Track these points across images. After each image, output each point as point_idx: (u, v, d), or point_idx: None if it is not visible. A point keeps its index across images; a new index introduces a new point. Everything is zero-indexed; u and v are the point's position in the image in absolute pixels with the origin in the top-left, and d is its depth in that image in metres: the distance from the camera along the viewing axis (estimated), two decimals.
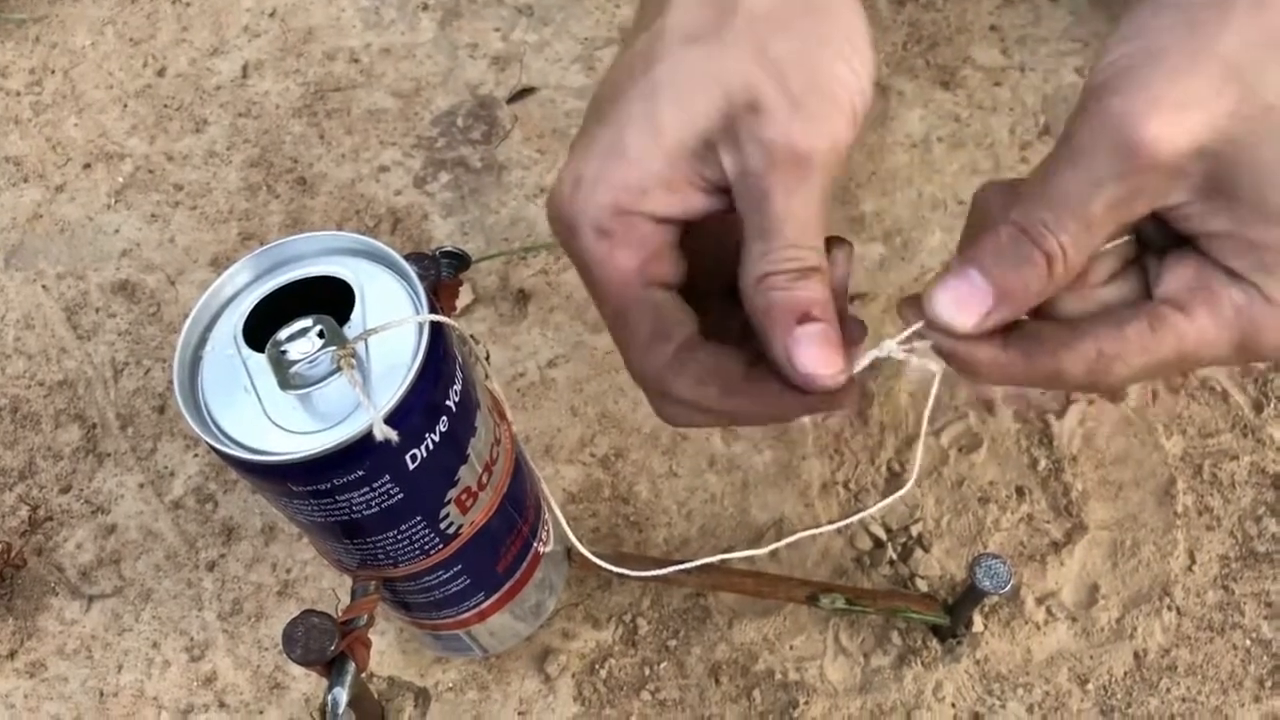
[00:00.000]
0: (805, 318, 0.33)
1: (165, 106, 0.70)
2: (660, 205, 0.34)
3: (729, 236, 0.36)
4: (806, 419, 0.57)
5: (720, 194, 0.35)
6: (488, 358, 0.42)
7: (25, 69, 0.73)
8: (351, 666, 0.39)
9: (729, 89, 0.33)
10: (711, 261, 0.37)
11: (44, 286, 0.64)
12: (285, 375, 0.34)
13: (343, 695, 0.39)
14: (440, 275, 0.43)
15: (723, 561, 0.50)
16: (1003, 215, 0.33)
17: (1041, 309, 0.34)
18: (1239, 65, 0.30)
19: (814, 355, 0.33)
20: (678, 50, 0.34)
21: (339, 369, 0.34)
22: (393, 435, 0.33)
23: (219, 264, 0.64)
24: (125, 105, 0.70)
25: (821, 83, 0.33)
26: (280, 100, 0.70)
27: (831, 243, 0.36)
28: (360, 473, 0.35)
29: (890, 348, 0.34)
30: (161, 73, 0.72)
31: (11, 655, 0.54)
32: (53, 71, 0.72)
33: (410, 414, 0.34)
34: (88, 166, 0.68)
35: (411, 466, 0.36)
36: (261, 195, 0.66)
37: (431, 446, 0.36)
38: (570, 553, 0.50)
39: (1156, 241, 0.35)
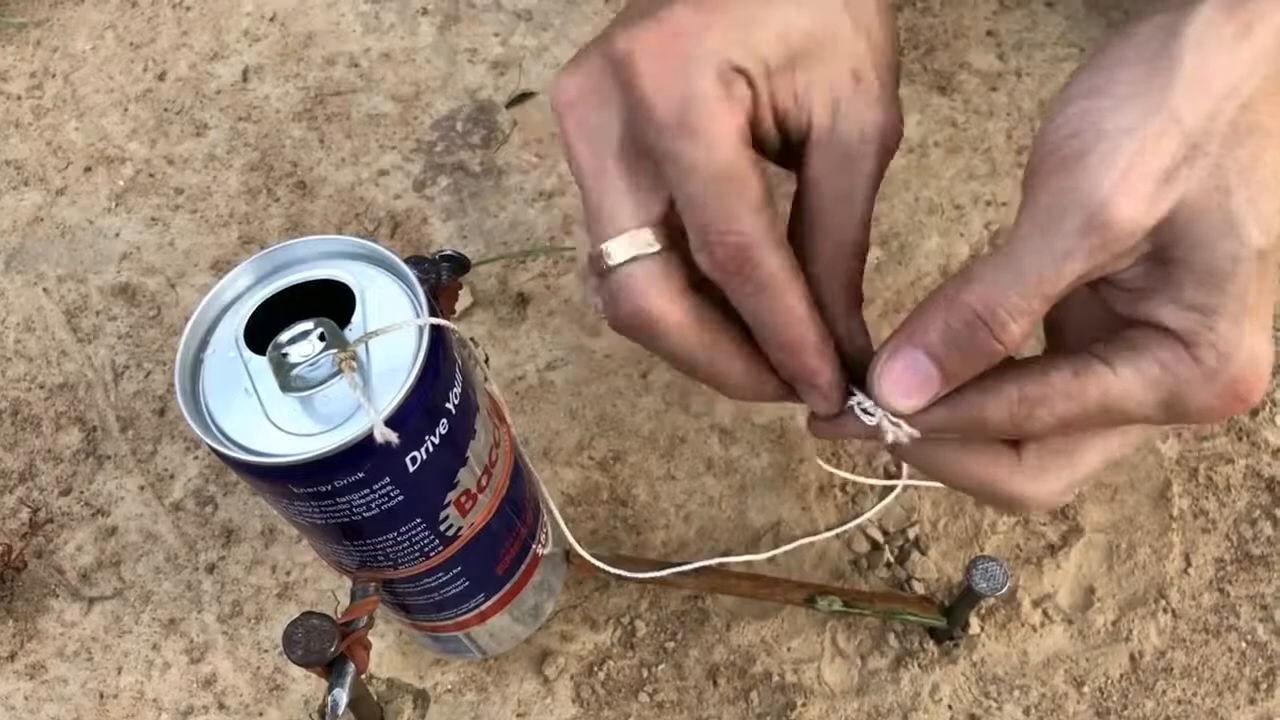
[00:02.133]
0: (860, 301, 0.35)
1: (165, 110, 0.70)
2: (769, 90, 0.33)
3: None
4: (802, 420, 0.57)
5: (771, 123, 0.34)
6: (487, 361, 0.42)
7: (26, 73, 0.73)
8: (351, 668, 0.40)
9: (839, 48, 0.33)
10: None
11: (44, 289, 0.64)
12: (286, 378, 0.34)
13: (343, 696, 0.39)
14: (440, 278, 0.43)
15: (720, 564, 0.51)
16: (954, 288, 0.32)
17: None
18: (1191, 127, 0.30)
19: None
20: None
21: (339, 372, 0.34)
22: (393, 437, 0.33)
23: (219, 267, 0.64)
24: (126, 109, 0.71)
25: (897, 82, 0.35)
26: (280, 104, 0.70)
27: None
28: (360, 475, 0.35)
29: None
30: (162, 77, 0.72)
31: (12, 657, 0.54)
32: (53, 75, 0.73)
33: (410, 416, 0.34)
34: (88, 170, 0.69)
35: (411, 469, 0.36)
36: (261, 199, 0.66)
37: (431, 449, 0.36)
38: (569, 555, 0.50)
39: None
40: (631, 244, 0.33)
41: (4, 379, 0.62)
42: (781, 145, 0.35)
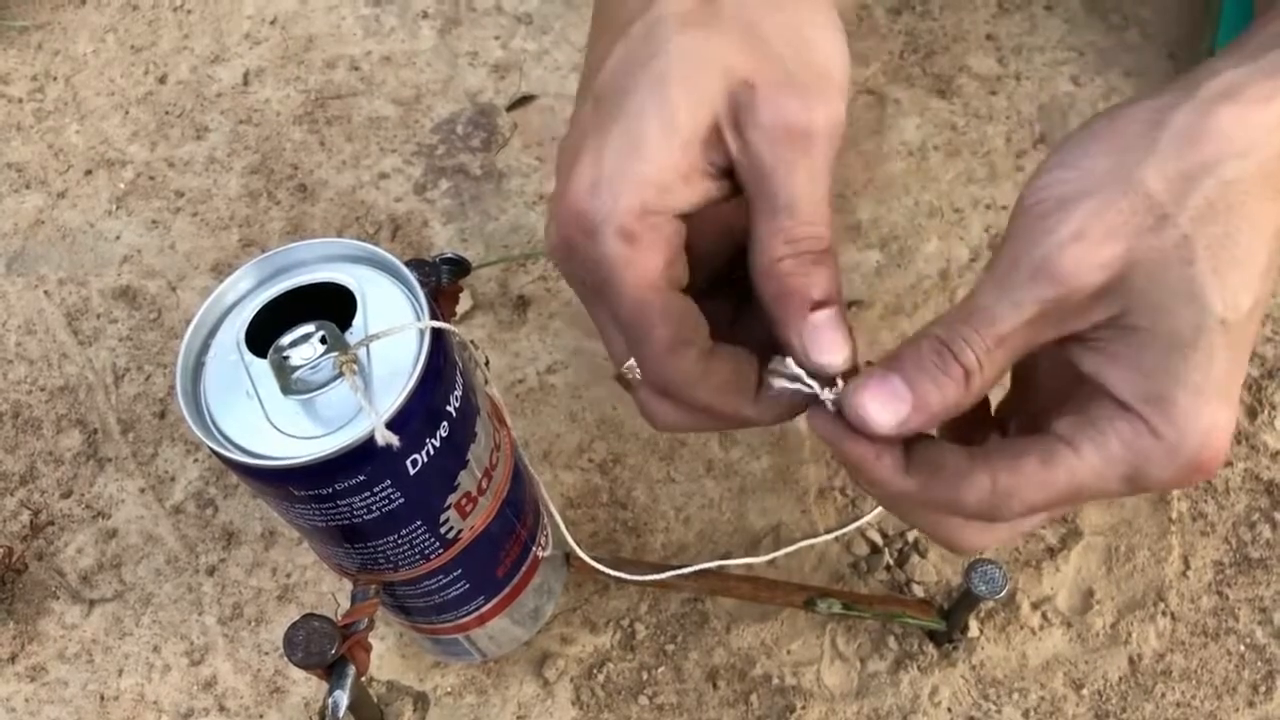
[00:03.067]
0: (817, 305, 0.34)
1: (166, 113, 0.71)
2: (682, 200, 0.34)
3: (714, 230, 0.36)
4: (802, 424, 0.57)
5: (724, 179, 0.35)
6: (487, 363, 0.42)
7: (27, 76, 0.73)
8: (351, 670, 0.40)
9: (728, 69, 0.33)
10: (697, 258, 0.38)
11: (45, 292, 0.65)
12: (287, 381, 0.34)
13: (343, 698, 0.39)
14: (440, 281, 0.43)
15: (720, 567, 0.51)
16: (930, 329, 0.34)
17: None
18: (1159, 197, 0.31)
19: (826, 342, 0.34)
20: (677, 37, 0.34)
21: (341, 374, 0.34)
22: (394, 440, 0.33)
23: (220, 270, 0.64)
24: (127, 112, 0.71)
25: (812, 59, 0.34)
26: (281, 107, 0.70)
27: None
28: (361, 477, 0.35)
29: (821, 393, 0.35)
30: (163, 80, 0.72)
31: (12, 659, 0.54)
32: (55, 78, 0.73)
33: (411, 419, 0.34)
34: (89, 173, 0.69)
35: (412, 471, 0.36)
36: (262, 202, 0.67)
37: (432, 452, 0.36)
38: (569, 557, 0.50)
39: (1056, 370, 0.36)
40: (631, 370, 0.36)
41: (5, 381, 0.62)
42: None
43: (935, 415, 0.33)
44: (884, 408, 0.33)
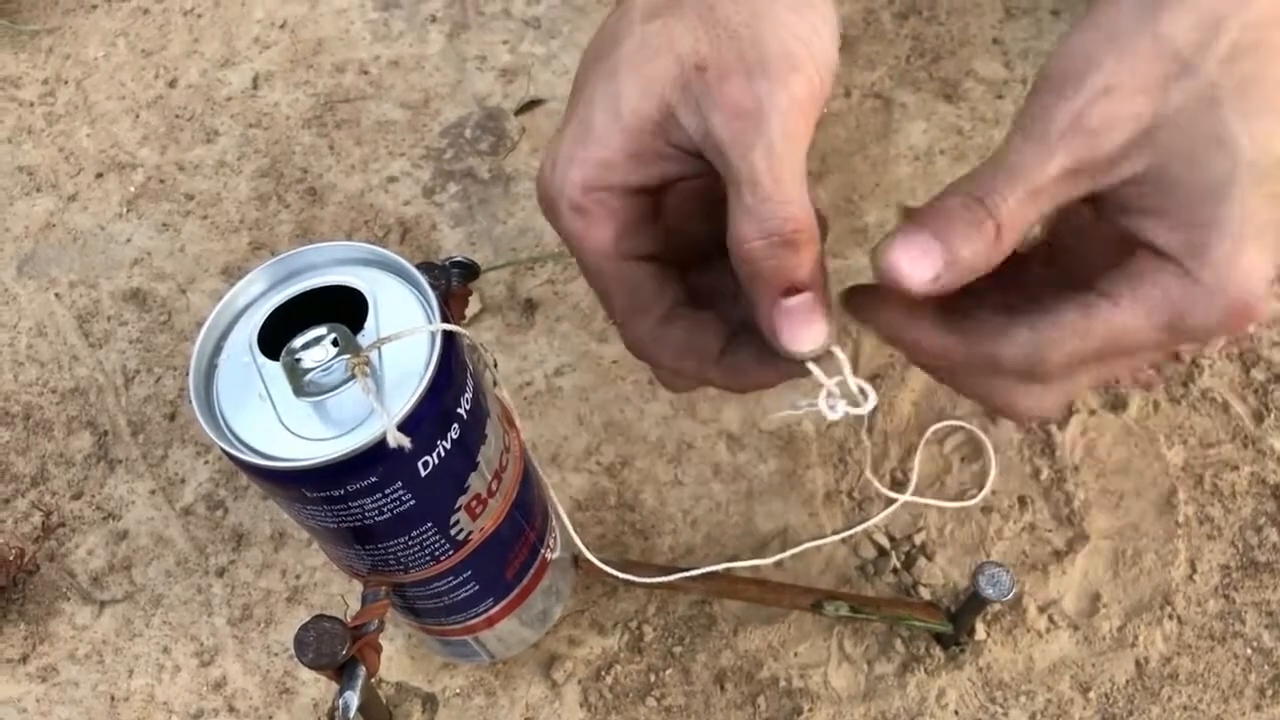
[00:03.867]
0: (790, 290, 0.34)
1: (177, 117, 0.71)
2: (630, 177, 0.36)
3: (711, 200, 0.37)
4: (809, 427, 0.57)
5: (695, 158, 0.35)
6: (495, 366, 0.43)
7: (38, 80, 0.73)
8: (362, 671, 0.40)
9: (680, 54, 0.34)
10: (697, 226, 0.38)
11: (56, 295, 0.65)
12: (300, 383, 0.35)
13: (353, 699, 0.39)
14: (450, 284, 0.43)
15: (728, 569, 0.51)
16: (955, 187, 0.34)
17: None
18: (1181, 46, 0.31)
19: (796, 330, 0.34)
20: (637, 27, 0.36)
21: (353, 376, 0.34)
22: (405, 442, 0.33)
23: (229, 273, 0.65)
24: (137, 116, 0.71)
25: (769, 39, 0.34)
26: (290, 111, 0.70)
27: None
28: (373, 479, 0.35)
29: (820, 405, 0.35)
30: (173, 84, 0.72)
31: (24, 660, 0.54)
32: (65, 82, 0.73)
33: (423, 421, 0.35)
34: (100, 176, 0.69)
35: (423, 473, 0.36)
36: (272, 205, 0.67)
37: (443, 454, 0.36)
38: (577, 560, 0.50)
39: (1082, 229, 0.36)
40: None
41: (16, 383, 0.62)
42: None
43: (966, 270, 0.33)
44: (916, 263, 0.33)
